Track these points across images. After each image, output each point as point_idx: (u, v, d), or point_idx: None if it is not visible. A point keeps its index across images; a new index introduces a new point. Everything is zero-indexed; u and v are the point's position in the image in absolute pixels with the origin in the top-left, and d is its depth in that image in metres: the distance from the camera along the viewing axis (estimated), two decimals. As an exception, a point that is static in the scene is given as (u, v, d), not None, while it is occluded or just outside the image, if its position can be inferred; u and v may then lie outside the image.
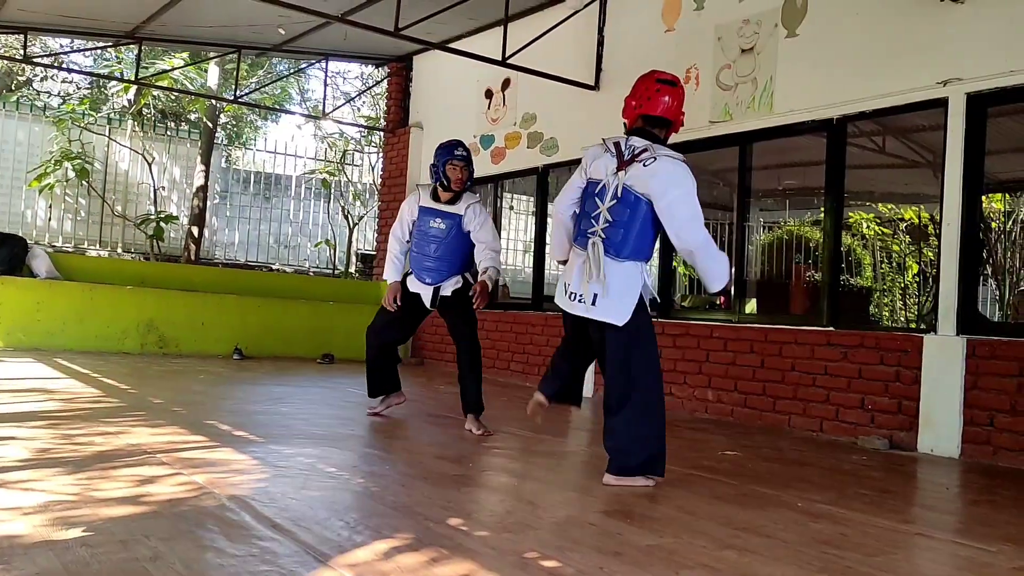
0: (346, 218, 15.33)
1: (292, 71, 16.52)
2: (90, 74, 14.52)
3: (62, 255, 10.36)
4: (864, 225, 11.17)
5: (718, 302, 7.50)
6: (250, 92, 15.10)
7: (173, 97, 14.97)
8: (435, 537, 2.65)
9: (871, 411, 5.80)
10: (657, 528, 2.99)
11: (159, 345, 9.32)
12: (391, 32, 7.46)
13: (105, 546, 2.34)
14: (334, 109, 14.16)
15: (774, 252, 10.51)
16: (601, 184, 3.78)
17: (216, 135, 14.80)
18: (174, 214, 13.62)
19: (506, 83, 9.57)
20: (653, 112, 3.81)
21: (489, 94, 9.88)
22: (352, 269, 15.19)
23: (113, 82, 13.68)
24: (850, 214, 10.31)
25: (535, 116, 9.19)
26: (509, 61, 8.01)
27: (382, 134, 12.33)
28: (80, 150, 12.79)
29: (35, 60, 12.24)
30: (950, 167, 5.57)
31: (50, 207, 12.91)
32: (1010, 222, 11.01)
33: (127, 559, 2.24)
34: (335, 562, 2.34)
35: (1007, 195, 10.51)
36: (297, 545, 2.47)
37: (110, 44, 11.26)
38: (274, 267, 14.78)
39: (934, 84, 5.68)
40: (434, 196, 5.20)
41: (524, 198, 11.82)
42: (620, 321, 3.69)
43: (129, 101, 13.88)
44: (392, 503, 3.09)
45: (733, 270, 6.87)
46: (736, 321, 6.89)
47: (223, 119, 15.92)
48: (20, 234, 10.44)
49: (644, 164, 3.66)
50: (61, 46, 15.06)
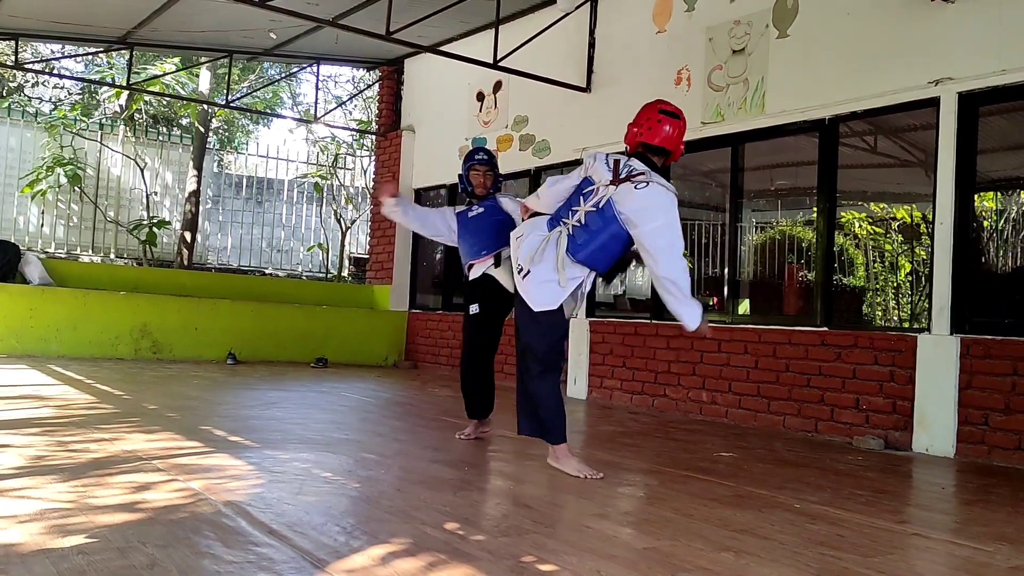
0: (339, 222, 15.31)
1: (283, 75, 16.52)
2: (82, 80, 14.49)
3: (55, 261, 10.33)
4: (856, 225, 11.19)
5: (711, 303, 7.52)
6: (242, 96, 15.07)
7: (165, 102, 14.94)
8: (432, 542, 2.65)
9: (866, 411, 5.82)
10: (654, 530, 2.99)
11: (153, 350, 9.30)
12: (382, 36, 7.46)
13: (102, 554, 2.33)
14: (326, 113, 14.15)
15: (767, 253, 10.51)
16: (593, 188, 3.85)
17: (208, 140, 14.77)
18: (167, 219, 13.60)
19: (498, 86, 9.57)
20: (652, 141, 3.89)
21: (481, 97, 9.88)
22: (345, 273, 15.18)
23: (105, 87, 13.63)
24: (842, 214, 10.32)
25: (527, 118, 9.20)
26: (500, 64, 8.02)
27: (374, 137, 12.33)
28: (72, 156, 12.78)
29: (26, 66, 12.20)
30: (942, 166, 5.60)
31: (42, 213, 12.88)
32: (1002, 220, 11.05)
33: (124, 567, 2.23)
34: (332, 568, 2.34)
35: (999, 193, 10.55)
36: (294, 551, 2.47)
37: (101, 50, 11.23)
38: (267, 271, 14.76)
39: (925, 84, 5.71)
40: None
41: (517, 200, 11.80)
42: (535, 305, 3.86)
43: (121, 106, 13.84)
44: (388, 508, 3.09)
45: (726, 273, 6.88)
46: (730, 322, 6.90)
47: (215, 124, 15.90)
48: (12, 240, 10.42)
49: (636, 186, 3.72)
50: (52, 52, 15.00)
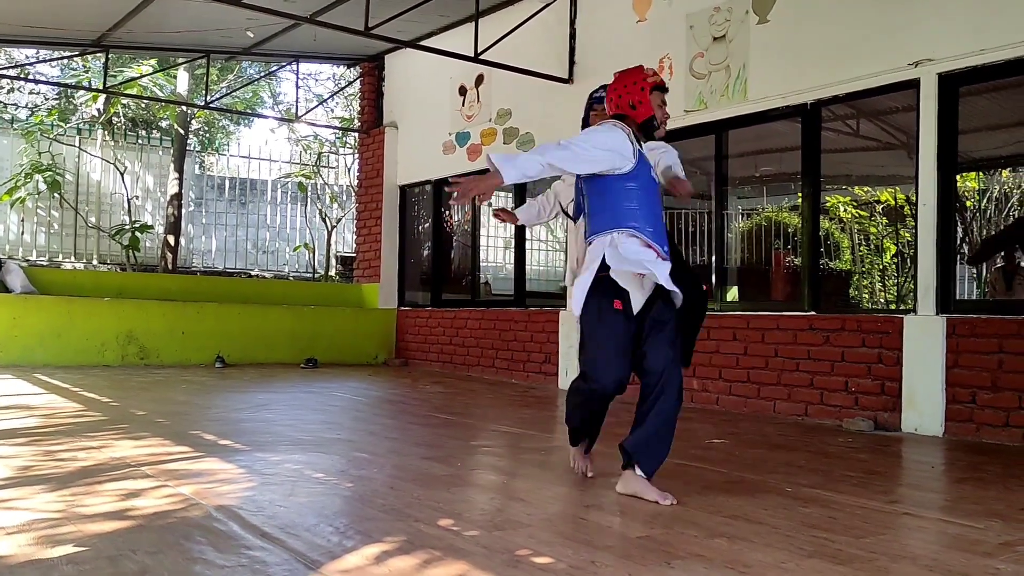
0: (324, 221, 15.25)
1: (263, 74, 16.40)
2: (57, 84, 14.34)
3: (37, 269, 10.24)
4: (841, 208, 11.24)
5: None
6: (221, 97, 14.97)
7: (143, 105, 14.82)
8: (426, 539, 2.64)
9: (855, 393, 5.84)
10: (647, 520, 2.99)
11: (139, 356, 9.24)
12: (361, 32, 7.42)
13: (92, 563, 2.31)
14: (307, 111, 14.07)
15: (754, 239, 10.55)
16: None
17: (188, 142, 14.67)
18: (149, 223, 13.50)
19: (480, 79, 9.54)
20: (610, 112, 3.65)
21: (463, 91, 9.84)
22: (332, 272, 15.12)
23: (81, 92, 13.51)
24: (827, 198, 10.36)
25: (510, 112, 9.17)
26: (482, 57, 8.00)
27: (357, 135, 12.27)
28: (50, 162, 12.66)
29: (1, 72, 12.06)
30: (924, 148, 5.61)
31: (22, 221, 12.76)
32: (984, 200, 11.12)
33: (114, 575, 2.21)
34: (326, 569, 2.32)
35: (981, 173, 10.61)
36: (287, 553, 2.45)
37: (76, 53, 11.12)
38: (253, 273, 14.68)
39: (906, 66, 5.72)
40: None
41: (503, 195, 11.80)
42: (575, 309, 3.54)
43: (98, 110, 13.71)
44: (382, 506, 3.07)
45: (713, 261, 6.87)
46: (718, 309, 6.91)
47: (195, 125, 15.78)
48: (-7, 249, 10.33)
49: None
50: (27, 57, 14.87)
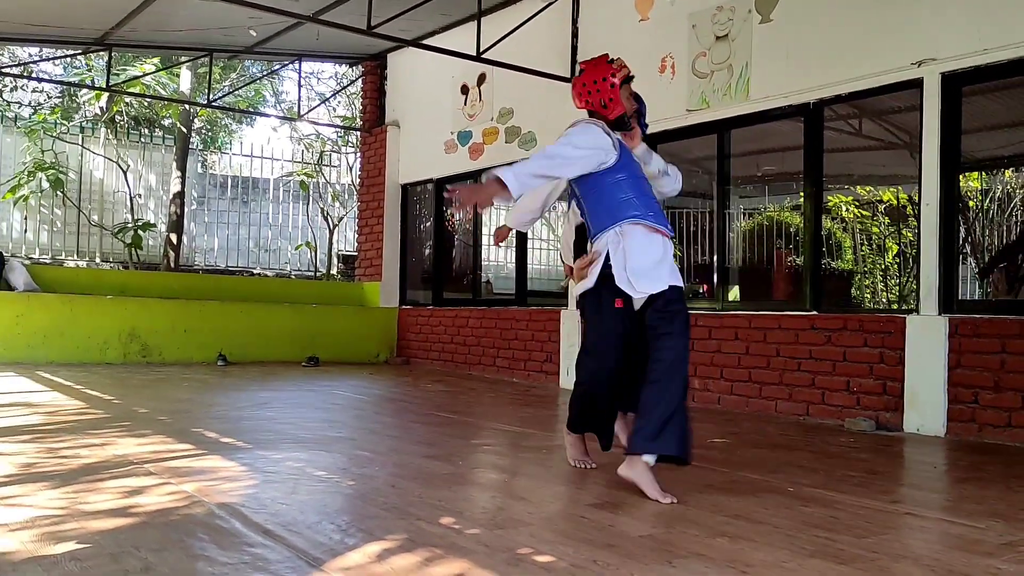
0: (326, 219, 15.25)
1: (265, 73, 16.40)
2: (60, 83, 14.35)
3: (40, 267, 10.25)
4: (843, 208, 11.23)
5: (701, 290, 7.53)
6: (224, 95, 14.97)
7: (146, 103, 14.83)
8: (427, 537, 2.64)
9: (856, 393, 5.84)
10: (648, 519, 2.99)
11: (142, 354, 9.25)
12: (364, 31, 7.42)
13: (95, 559, 2.31)
14: (309, 110, 14.07)
15: (755, 238, 10.55)
16: None
17: (191, 140, 14.67)
18: (152, 221, 13.51)
19: (482, 78, 9.54)
20: (579, 106, 3.73)
21: (465, 90, 9.84)
22: (334, 271, 15.13)
23: (84, 90, 13.51)
24: (829, 197, 10.35)
25: (512, 111, 9.17)
26: (484, 56, 7.99)
27: (359, 134, 12.27)
28: (53, 160, 12.66)
29: (4, 71, 12.08)
30: (927, 147, 5.61)
31: (25, 219, 12.77)
32: (987, 200, 11.11)
33: (117, 572, 2.22)
34: (328, 566, 2.33)
35: (984, 173, 10.60)
36: (289, 550, 2.46)
37: (79, 52, 11.13)
38: (255, 271, 14.69)
39: (909, 65, 5.71)
40: None
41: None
42: (584, 287, 3.65)
43: (101, 109, 13.71)
44: (383, 504, 3.08)
45: (715, 260, 6.87)
46: (720, 309, 6.91)
47: (197, 124, 15.79)
48: (-4, 247, 10.34)
49: None
50: (30, 55, 14.88)
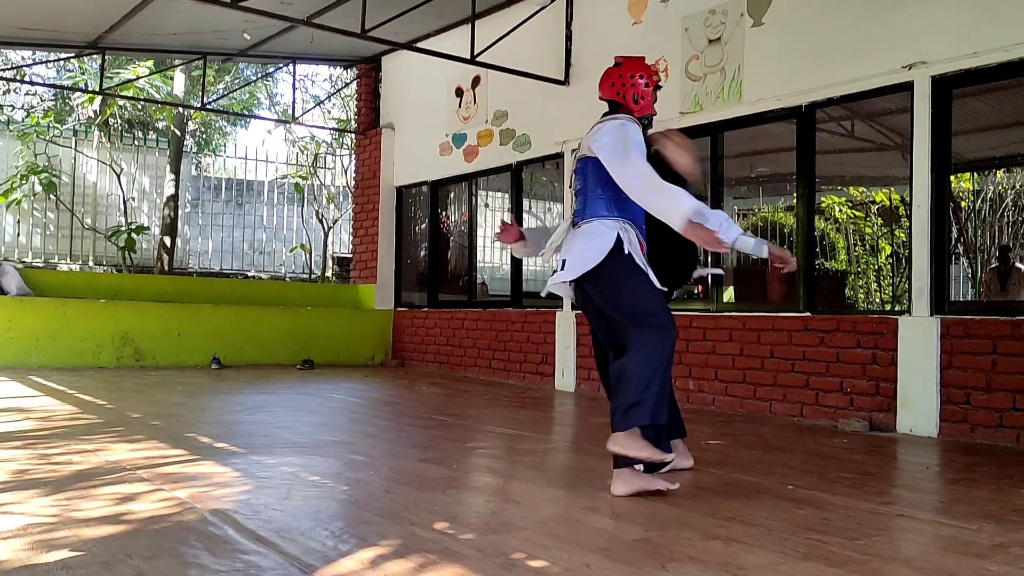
0: (321, 222, 15.25)
1: (260, 76, 16.40)
2: (53, 86, 14.33)
3: (33, 271, 10.22)
4: (837, 209, 11.26)
5: (696, 291, 7.53)
6: (218, 99, 14.96)
7: (139, 106, 14.81)
8: (421, 542, 2.64)
9: (850, 394, 5.86)
10: (642, 522, 2.99)
11: (135, 358, 9.23)
12: (358, 34, 7.42)
13: (87, 568, 2.31)
14: (304, 112, 14.07)
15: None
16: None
17: (185, 143, 14.66)
18: (145, 225, 13.49)
19: (476, 81, 9.55)
20: (602, 96, 3.84)
21: (459, 92, 9.85)
22: (329, 273, 15.12)
23: (77, 93, 13.50)
24: (823, 198, 10.38)
25: (506, 113, 9.18)
26: (478, 59, 8.00)
27: (353, 136, 12.27)
28: (46, 163, 12.64)
29: (-3, 74, 12.08)
30: (918, 149, 5.62)
31: (18, 222, 12.74)
32: (979, 200, 11.15)
33: (109, 580, 2.22)
34: (321, 573, 2.33)
35: (976, 174, 10.64)
36: (282, 557, 2.46)
37: (73, 55, 11.11)
38: (249, 274, 14.67)
39: (900, 68, 5.73)
40: None
41: (499, 195, 11.81)
42: (591, 263, 3.50)
43: (95, 112, 13.71)
44: (377, 509, 3.08)
45: (709, 261, 6.88)
46: (714, 310, 6.92)
47: (191, 126, 15.78)
48: (-11, 251, 10.31)
49: (591, 134, 3.66)
50: (23, 59, 14.86)
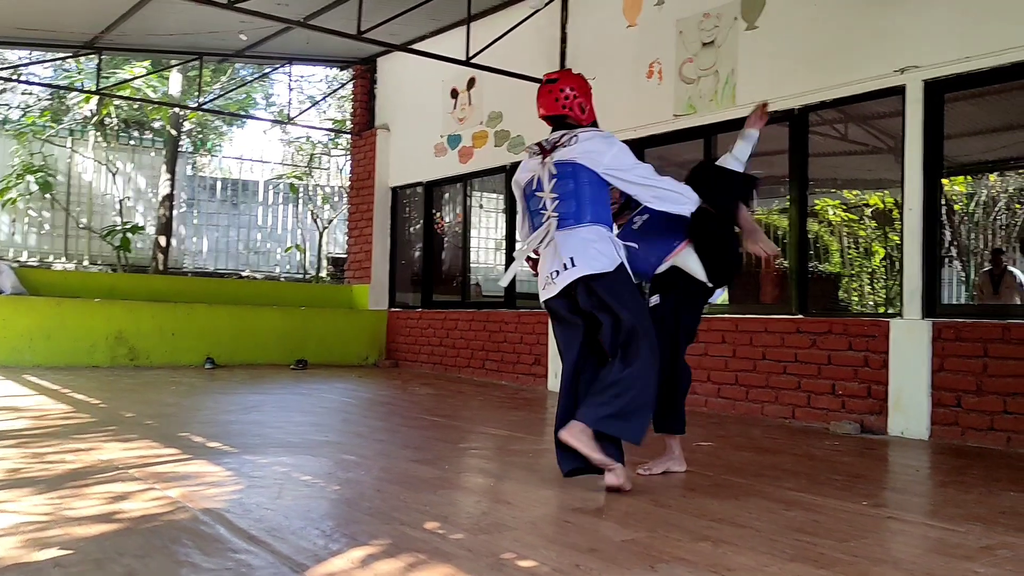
0: (316, 222, 15.25)
1: (256, 76, 16.39)
2: (50, 86, 14.31)
3: (27, 270, 10.22)
4: (830, 212, 11.29)
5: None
6: (214, 99, 14.94)
7: (135, 106, 14.80)
8: (412, 542, 2.66)
9: (841, 397, 5.88)
10: (632, 523, 3.01)
11: (129, 357, 9.23)
12: (353, 35, 7.43)
13: (79, 566, 2.32)
14: (300, 113, 14.07)
15: (742, 242, 10.58)
16: (534, 178, 3.74)
17: (181, 143, 14.65)
18: (140, 224, 13.49)
19: (471, 82, 9.56)
20: (543, 113, 3.85)
21: (455, 94, 9.87)
22: (323, 273, 15.12)
23: (74, 93, 13.49)
24: (816, 201, 10.41)
25: (501, 114, 9.19)
26: (473, 61, 8.01)
27: (349, 137, 12.28)
28: (42, 163, 12.63)
29: (-8, 73, 12.08)
30: (910, 153, 5.65)
31: (13, 221, 12.74)
32: (972, 204, 11.19)
33: (101, 578, 2.23)
34: (312, 572, 2.34)
35: (968, 177, 10.67)
36: (273, 556, 2.47)
37: (70, 55, 11.10)
38: (244, 274, 14.67)
39: (892, 72, 5.76)
40: None
41: (493, 196, 11.83)
42: (606, 267, 3.51)
43: (91, 112, 13.70)
44: (368, 509, 3.09)
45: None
46: (707, 312, 6.92)
47: (187, 126, 15.76)
48: (-17, 250, 10.30)
49: (567, 145, 3.65)
50: (20, 58, 14.84)
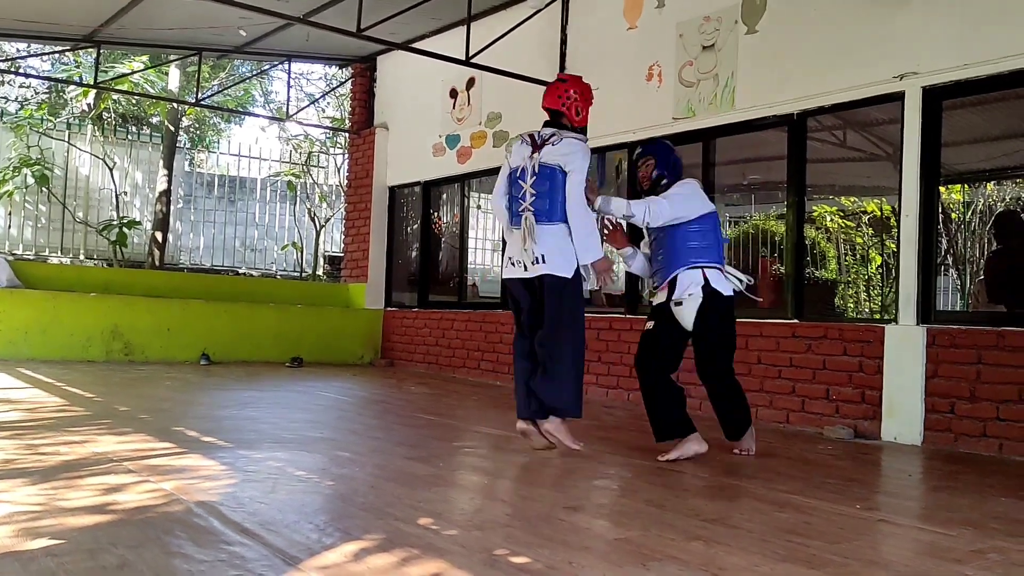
0: (313, 220, 15.24)
1: (254, 73, 16.38)
2: (48, 79, 14.30)
3: (23, 263, 10.19)
4: (828, 218, 11.31)
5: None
6: (212, 95, 14.94)
7: (133, 101, 14.77)
8: (405, 537, 2.66)
9: (836, 402, 5.89)
10: (625, 522, 3.02)
11: (124, 352, 9.21)
12: (353, 33, 7.43)
13: (71, 555, 2.32)
14: (298, 111, 14.08)
15: (740, 246, 10.61)
16: (521, 168, 4.48)
17: (178, 138, 14.63)
18: (137, 219, 13.45)
19: (470, 82, 9.57)
20: (545, 105, 4.66)
21: (454, 94, 9.87)
22: (320, 272, 15.11)
23: (72, 87, 13.46)
24: (814, 207, 10.43)
25: (500, 115, 9.20)
26: (473, 60, 8.02)
27: (347, 135, 12.28)
28: (39, 156, 12.59)
29: (-9, 66, 12.03)
30: (907, 160, 5.67)
31: (10, 214, 12.70)
32: (969, 212, 11.21)
33: (94, 568, 2.23)
34: (305, 565, 2.34)
35: (966, 186, 10.71)
36: (266, 549, 2.47)
37: (68, 48, 11.09)
38: (240, 271, 14.65)
39: (891, 79, 5.78)
40: None
41: (491, 197, 11.85)
42: (567, 273, 4.27)
43: (89, 105, 13.66)
44: (362, 504, 3.09)
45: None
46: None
47: (185, 122, 15.74)
48: (-21, 242, 10.27)
49: (552, 144, 4.42)
50: (18, 51, 14.81)
